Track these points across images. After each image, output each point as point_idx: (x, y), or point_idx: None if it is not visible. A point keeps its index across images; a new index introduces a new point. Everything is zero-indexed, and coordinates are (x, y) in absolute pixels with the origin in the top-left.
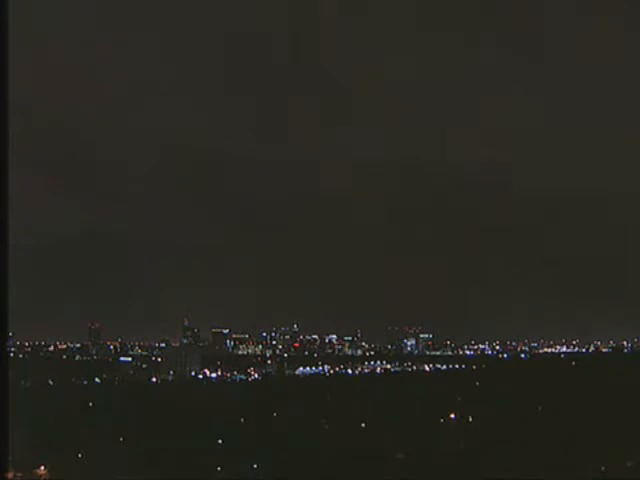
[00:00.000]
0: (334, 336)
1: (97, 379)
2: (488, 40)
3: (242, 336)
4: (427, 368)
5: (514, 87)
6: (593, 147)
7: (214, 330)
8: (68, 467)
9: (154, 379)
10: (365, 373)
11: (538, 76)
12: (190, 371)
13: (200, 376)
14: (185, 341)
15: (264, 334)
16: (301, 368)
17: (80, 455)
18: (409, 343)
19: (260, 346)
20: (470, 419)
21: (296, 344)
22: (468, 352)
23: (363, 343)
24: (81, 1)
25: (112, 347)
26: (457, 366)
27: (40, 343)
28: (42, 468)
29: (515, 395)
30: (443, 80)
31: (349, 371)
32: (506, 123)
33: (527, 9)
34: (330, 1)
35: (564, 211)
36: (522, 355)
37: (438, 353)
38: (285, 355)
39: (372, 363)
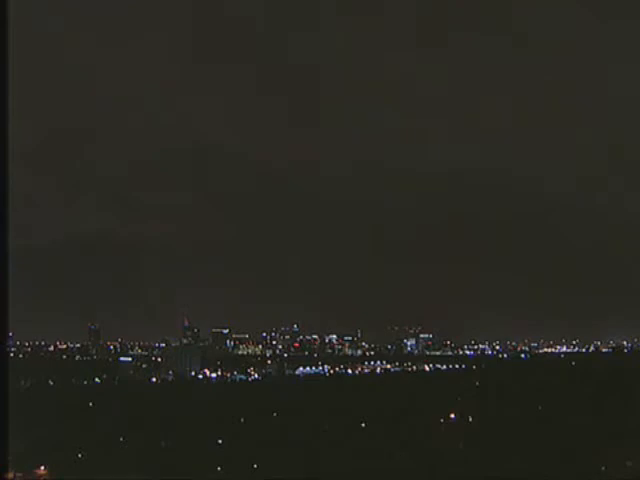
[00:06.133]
0: (334, 336)
1: (97, 379)
2: (489, 40)
3: (242, 336)
4: (427, 368)
5: (514, 86)
6: (593, 147)
7: (214, 330)
8: (68, 467)
9: (154, 379)
10: (365, 373)
11: (539, 75)
12: (190, 371)
13: (200, 376)
14: (185, 341)
15: (264, 334)
16: (301, 368)
17: (80, 455)
18: (409, 343)
19: (260, 346)
20: (470, 419)
21: (296, 344)
22: (468, 352)
23: (363, 343)
24: (81, 1)
25: (112, 347)
26: (457, 366)
27: (40, 343)
28: (42, 468)
29: (515, 395)
30: (443, 80)
31: (349, 371)
32: (506, 123)
33: (531, 9)
34: (330, 1)
35: (564, 211)
36: (522, 355)
37: (438, 353)
38: (285, 355)
39: (372, 363)
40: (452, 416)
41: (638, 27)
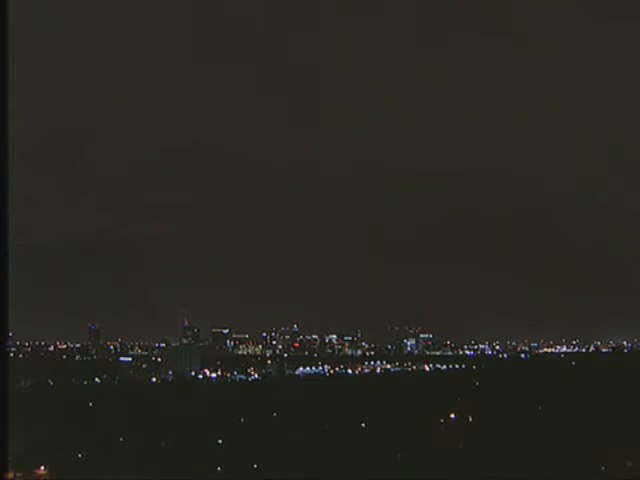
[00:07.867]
0: (334, 336)
1: (97, 379)
2: (489, 40)
3: (242, 336)
4: (427, 368)
5: (514, 86)
6: (593, 147)
7: (214, 330)
8: (68, 467)
9: (154, 379)
10: (365, 373)
11: (539, 75)
12: (190, 371)
13: (200, 376)
14: (185, 341)
15: (264, 334)
16: (301, 368)
17: (80, 455)
18: (409, 343)
19: (260, 346)
20: (470, 419)
21: (296, 344)
22: (468, 352)
23: (363, 343)
24: (81, 1)
25: (112, 347)
26: (457, 366)
27: (40, 343)
28: (42, 468)
29: (515, 395)
30: (443, 80)
31: (349, 371)
32: (506, 123)
33: (531, 9)
34: (330, 1)
35: (564, 211)
36: (522, 355)
37: (438, 353)
38: (285, 355)
39: (372, 363)
40: (452, 416)
41: (638, 27)
